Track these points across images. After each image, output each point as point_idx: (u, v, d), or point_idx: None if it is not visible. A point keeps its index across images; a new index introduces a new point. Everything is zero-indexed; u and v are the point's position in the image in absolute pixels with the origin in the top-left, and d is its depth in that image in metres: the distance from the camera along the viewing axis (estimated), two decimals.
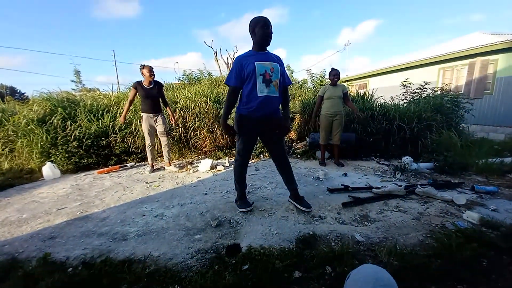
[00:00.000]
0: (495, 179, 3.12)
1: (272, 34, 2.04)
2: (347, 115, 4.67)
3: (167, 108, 3.89)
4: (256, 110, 2.05)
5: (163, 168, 3.98)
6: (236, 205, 2.35)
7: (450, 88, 7.45)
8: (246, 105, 2.07)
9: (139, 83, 3.59)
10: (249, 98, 2.04)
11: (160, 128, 3.73)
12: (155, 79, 3.68)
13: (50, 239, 1.94)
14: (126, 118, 3.87)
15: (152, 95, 3.61)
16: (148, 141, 3.72)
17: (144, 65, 3.59)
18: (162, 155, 4.57)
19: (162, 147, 3.88)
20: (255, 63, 1.99)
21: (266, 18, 2.00)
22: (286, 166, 2.32)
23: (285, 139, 5.14)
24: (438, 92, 6.01)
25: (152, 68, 3.61)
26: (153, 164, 3.87)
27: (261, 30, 1.99)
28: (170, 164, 3.90)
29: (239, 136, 2.21)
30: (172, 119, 3.99)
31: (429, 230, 1.89)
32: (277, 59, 2.12)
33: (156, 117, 3.67)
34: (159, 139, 3.86)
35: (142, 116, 3.67)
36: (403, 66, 9.88)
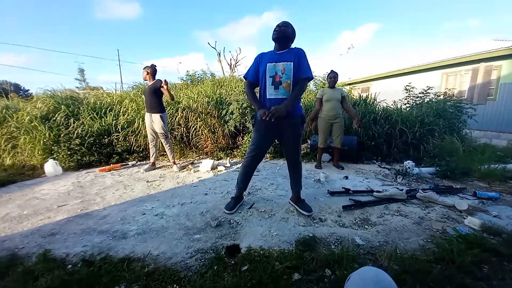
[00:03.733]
0: (497, 185, 3.10)
1: (280, 29, 1.98)
2: (348, 119, 4.67)
3: None
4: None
5: (163, 167, 4.00)
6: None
7: (453, 93, 7.44)
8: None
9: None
10: (261, 99, 2.08)
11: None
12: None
13: (51, 236, 1.94)
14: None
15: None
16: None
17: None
18: (163, 155, 4.60)
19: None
20: (267, 64, 2.00)
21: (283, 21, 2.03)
22: (297, 168, 2.28)
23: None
24: (441, 97, 6.01)
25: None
26: (154, 162, 3.90)
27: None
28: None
29: (253, 136, 2.20)
30: None
31: (430, 235, 1.88)
32: (294, 56, 1.99)
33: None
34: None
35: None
36: (406, 71, 9.87)
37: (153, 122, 3.65)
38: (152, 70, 3.65)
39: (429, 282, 1.32)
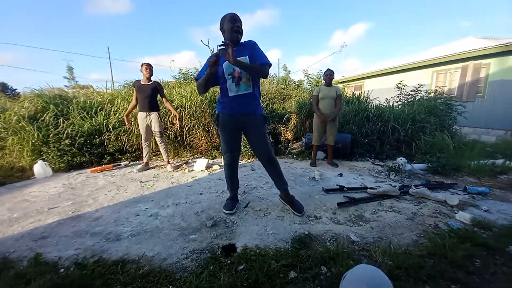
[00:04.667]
0: (486, 180, 3.17)
1: (241, 30, 1.94)
2: (342, 116, 4.70)
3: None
4: (231, 109, 2.04)
5: (157, 167, 3.96)
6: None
7: (444, 91, 7.56)
8: (221, 104, 2.09)
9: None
10: (222, 98, 2.06)
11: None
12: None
13: (42, 239, 1.90)
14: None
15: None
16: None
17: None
18: (156, 154, 4.55)
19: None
20: (223, 64, 1.94)
21: (233, 13, 1.94)
22: (272, 166, 2.24)
23: (281, 140, 5.15)
24: (432, 94, 6.10)
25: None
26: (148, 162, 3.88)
27: (228, 24, 1.91)
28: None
29: (220, 135, 2.21)
30: None
31: (422, 230, 1.91)
32: (248, 50, 1.94)
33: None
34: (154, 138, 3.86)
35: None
36: (398, 69, 10.00)
37: (151, 121, 3.66)
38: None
39: (422, 276, 1.34)
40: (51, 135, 4.09)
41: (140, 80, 3.65)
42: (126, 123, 3.75)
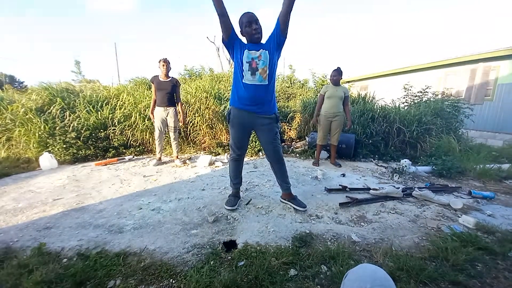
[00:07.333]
0: (492, 184, 3.13)
1: (260, 30, 1.98)
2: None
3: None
4: (244, 105, 2.05)
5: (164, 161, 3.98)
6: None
7: (451, 93, 7.46)
8: (235, 95, 2.08)
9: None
10: (236, 86, 2.06)
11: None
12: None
13: (46, 229, 1.93)
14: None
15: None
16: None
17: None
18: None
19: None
20: (245, 50, 1.98)
21: (249, 14, 1.96)
22: (279, 165, 2.27)
23: (285, 138, 5.14)
24: (439, 96, 6.01)
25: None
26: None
27: (247, 29, 1.97)
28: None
29: (230, 131, 2.22)
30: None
31: (425, 232, 1.90)
32: (267, 42, 2.03)
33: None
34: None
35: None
36: (405, 70, 9.89)
37: (168, 117, 3.72)
38: None
39: (423, 279, 1.34)
40: (57, 128, 4.15)
41: (158, 76, 3.66)
42: (152, 119, 3.82)
